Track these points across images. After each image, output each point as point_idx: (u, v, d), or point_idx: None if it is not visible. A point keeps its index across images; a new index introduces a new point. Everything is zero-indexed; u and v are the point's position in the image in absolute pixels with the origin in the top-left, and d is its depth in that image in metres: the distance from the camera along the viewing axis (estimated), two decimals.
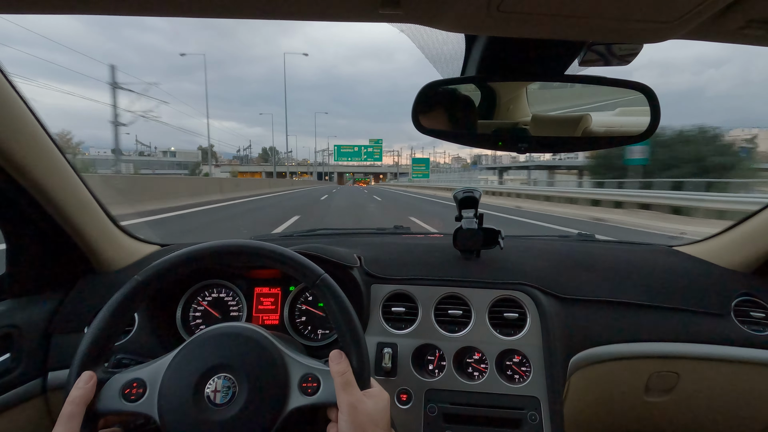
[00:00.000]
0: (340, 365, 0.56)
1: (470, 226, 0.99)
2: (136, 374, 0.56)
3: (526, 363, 0.88)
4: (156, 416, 0.53)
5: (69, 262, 0.95)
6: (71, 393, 0.51)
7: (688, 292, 0.99)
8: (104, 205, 0.97)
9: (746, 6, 0.43)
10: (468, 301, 0.94)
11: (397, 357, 0.89)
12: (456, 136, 0.78)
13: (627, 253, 1.14)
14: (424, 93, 0.70)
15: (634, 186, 16.17)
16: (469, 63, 0.68)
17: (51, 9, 0.45)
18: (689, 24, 0.45)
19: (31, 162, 0.74)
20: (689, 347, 0.94)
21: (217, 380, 0.54)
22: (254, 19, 0.48)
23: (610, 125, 0.76)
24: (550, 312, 0.91)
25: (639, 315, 0.96)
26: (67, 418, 0.50)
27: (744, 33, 0.48)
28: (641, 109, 0.69)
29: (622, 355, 0.93)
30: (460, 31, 0.54)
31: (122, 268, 1.01)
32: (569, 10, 0.43)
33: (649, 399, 0.98)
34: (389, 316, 0.94)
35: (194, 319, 0.97)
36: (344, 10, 0.46)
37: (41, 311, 0.89)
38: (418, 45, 0.65)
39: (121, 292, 0.58)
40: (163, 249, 1.15)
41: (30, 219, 0.83)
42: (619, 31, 0.48)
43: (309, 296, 0.99)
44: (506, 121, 0.76)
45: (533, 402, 0.84)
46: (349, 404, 0.53)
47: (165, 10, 0.46)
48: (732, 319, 0.97)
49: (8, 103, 0.69)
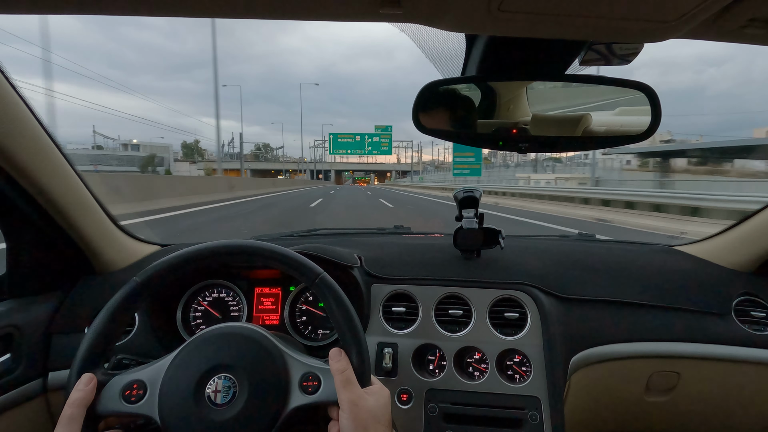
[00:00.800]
0: (340, 363, 0.56)
1: (471, 226, 0.99)
2: (136, 375, 0.55)
3: (526, 363, 0.88)
4: (156, 417, 0.53)
5: (69, 262, 0.95)
6: (71, 395, 0.51)
7: (688, 292, 0.99)
8: (104, 205, 0.97)
9: (747, 5, 0.43)
10: (468, 301, 0.93)
11: (397, 357, 0.89)
12: (456, 136, 0.78)
13: (628, 253, 1.14)
14: (424, 93, 0.70)
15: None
16: (469, 63, 0.68)
17: (51, 9, 0.45)
18: (690, 23, 0.45)
19: (32, 163, 0.74)
20: (690, 347, 0.94)
21: (217, 380, 0.54)
22: (254, 19, 0.48)
23: (610, 125, 0.76)
24: (551, 312, 0.91)
25: (640, 314, 0.96)
26: (67, 420, 0.50)
27: (745, 32, 0.48)
28: (642, 109, 0.69)
29: (623, 355, 0.93)
30: (461, 30, 0.54)
31: (122, 268, 1.01)
32: (570, 9, 0.43)
33: (649, 399, 0.98)
34: (390, 316, 0.94)
35: (194, 320, 0.97)
36: (345, 9, 0.46)
37: (42, 311, 0.89)
38: (418, 45, 0.65)
39: (121, 293, 0.58)
40: (163, 249, 1.15)
41: (30, 219, 0.83)
42: (619, 31, 0.48)
43: (309, 296, 0.99)
44: (507, 120, 0.76)
45: (534, 402, 0.84)
46: (350, 401, 0.53)
47: (165, 9, 0.46)
48: (733, 319, 0.97)
49: (9, 103, 0.69)
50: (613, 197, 12.49)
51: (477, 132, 0.76)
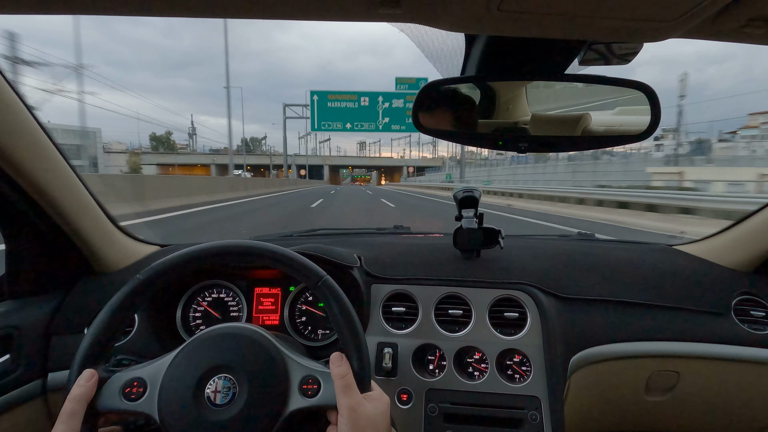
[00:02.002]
0: (341, 368, 0.56)
1: (470, 226, 0.99)
2: (136, 373, 0.55)
3: (526, 362, 0.88)
4: (156, 416, 0.53)
5: (69, 262, 0.94)
6: (72, 390, 0.51)
7: (688, 291, 0.99)
8: (104, 206, 0.96)
9: (746, 5, 0.43)
10: (468, 301, 0.93)
11: (397, 357, 0.89)
12: (456, 136, 0.78)
13: (627, 253, 1.14)
14: (424, 92, 0.70)
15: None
16: (469, 62, 0.68)
17: (51, 9, 0.45)
18: (689, 23, 0.45)
19: (31, 163, 0.74)
20: (689, 346, 0.94)
21: (217, 381, 0.54)
22: (254, 19, 0.48)
23: (609, 124, 0.76)
24: (551, 311, 0.91)
25: (639, 314, 0.96)
26: (68, 415, 0.49)
27: (744, 32, 0.48)
28: (641, 108, 0.69)
29: (623, 355, 0.93)
30: (461, 30, 0.54)
31: (122, 268, 1.01)
32: (569, 9, 0.43)
33: (649, 398, 0.98)
34: (389, 316, 0.94)
35: (194, 320, 0.97)
36: (344, 9, 0.46)
37: (41, 312, 0.89)
38: (418, 44, 0.65)
39: (123, 291, 0.58)
40: (162, 249, 1.15)
41: (30, 220, 0.83)
42: (619, 31, 0.48)
43: (309, 296, 0.99)
44: (506, 120, 0.76)
45: (534, 401, 0.84)
46: (349, 407, 0.53)
47: (165, 9, 0.45)
48: (732, 318, 0.97)
49: (8, 104, 0.69)
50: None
51: (477, 132, 0.76)
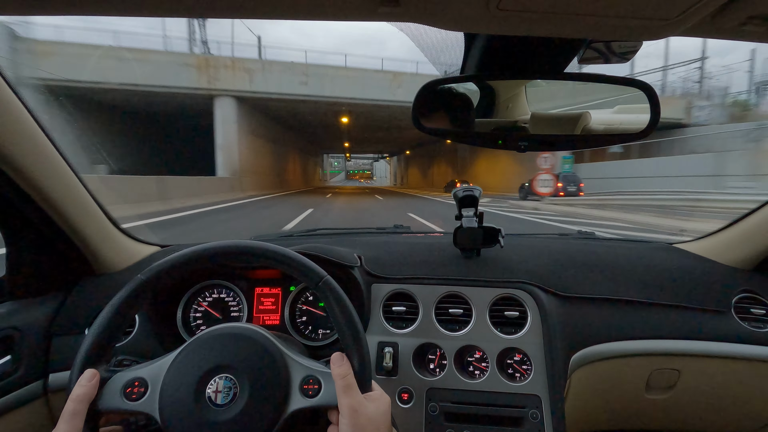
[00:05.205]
0: (342, 368, 0.56)
1: (470, 225, 0.99)
2: (137, 373, 0.56)
3: (527, 361, 0.88)
4: (157, 416, 0.53)
5: (69, 263, 0.94)
6: (74, 390, 0.51)
7: (688, 290, 0.99)
8: (104, 206, 0.96)
9: (746, 3, 0.43)
10: (468, 300, 0.94)
11: (398, 356, 0.89)
12: (456, 135, 0.78)
13: (627, 251, 1.14)
14: (423, 92, 0.70)
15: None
16: (468, 61, 0.68)
17: (51, 9, 0.45)
18: (688, 21, 0.45)
19: (31, 164, 0.74)
20: (690, 344, 0.94)
21: (218, 381, 0.54)
22: (254, 19, 0.48)
23: (609, 123, 0.76)
24: (551, 310, 0.91)
25: (640, 312, 0.96)
26: (69, 415, 0.50)
27: (744, 30, 0.48)
28: (641, 107, 0.69)
29: (623, 353, 0.93)
30: (460, 29, 0.54)
31: (122, 269, 1.01)
32: (568, 8, 0.43)
33: (650, 396, 0.98)
34: (390, 316, 0.94)
35: (195, 320, 0.97)
36: (343, 9, 0.46)
37: (42, 313, 0.89)
38: (417, 44, 0.65)
39: (125, 291, 0.58)
40: (163, 250, 1.15)
41: (30, 221, 0.83)
42: (618, 29, 0.48)
43: (309, 296, 0.99)
44: (506, 119, 0.76)
45: (534, 400, 0.84)
46: (350, 407, 0.53)
47: (165, 10, 0.45)
48: (732, 316, 0.97)
49: (8, 105, 0.69)
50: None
51: (476, 131, 0.76)
